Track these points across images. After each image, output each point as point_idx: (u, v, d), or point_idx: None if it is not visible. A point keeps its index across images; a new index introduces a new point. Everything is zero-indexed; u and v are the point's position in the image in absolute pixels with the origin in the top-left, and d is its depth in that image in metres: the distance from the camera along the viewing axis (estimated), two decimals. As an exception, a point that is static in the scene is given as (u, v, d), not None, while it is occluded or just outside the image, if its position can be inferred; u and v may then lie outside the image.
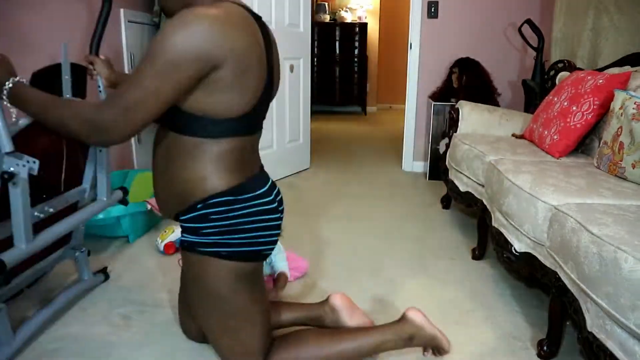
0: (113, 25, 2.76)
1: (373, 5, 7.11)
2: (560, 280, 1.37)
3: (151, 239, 2.28)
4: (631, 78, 1.95)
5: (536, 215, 1.51)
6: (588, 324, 1.19)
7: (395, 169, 3.79)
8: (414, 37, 3.49)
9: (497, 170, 1.88)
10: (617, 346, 1.08)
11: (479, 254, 2.13)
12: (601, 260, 1.13)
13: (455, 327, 1.60)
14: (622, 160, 1.68)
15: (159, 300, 1.74)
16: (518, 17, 3.29)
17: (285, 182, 3.33)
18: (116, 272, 1.96)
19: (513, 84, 3.49)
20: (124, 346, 1.48)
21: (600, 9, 2.55)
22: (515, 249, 1.64)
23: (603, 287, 1.12)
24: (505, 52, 3.46)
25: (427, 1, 3.42)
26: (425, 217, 2.67)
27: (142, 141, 3.09)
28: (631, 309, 1.02)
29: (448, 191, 2.68)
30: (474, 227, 2.30)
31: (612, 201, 1.46)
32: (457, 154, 2.44)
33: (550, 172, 1.74)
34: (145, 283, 1.87)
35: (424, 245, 2.28)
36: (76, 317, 1.63)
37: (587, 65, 2.65)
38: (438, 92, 3.45)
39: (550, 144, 2.10)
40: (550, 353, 1.43)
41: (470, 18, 3.43)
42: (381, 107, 7.74)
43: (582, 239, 1.23)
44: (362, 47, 6.78)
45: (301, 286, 1.87)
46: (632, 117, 1.65)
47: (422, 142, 3.68)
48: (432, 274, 1.99)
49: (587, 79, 2.08)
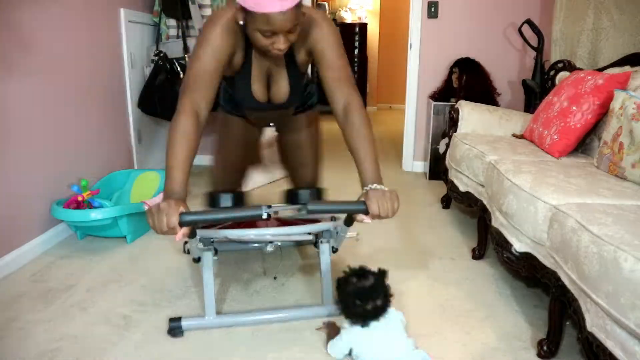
0: (113, 25, 2.76)
1: (373, 6, 7.12)
2: (560, 280, 1.37)
3: (150, 240, 2.29)
4: (631, 78, 1.95)
5: (536, 215, 1.51)
6: (588, 324, 1.19)
7: (395, 169, 3.79)
8: (414, 37, 3.49)
9: (497, 170, 1.88)
10: (617, 346, 1.08)
11: (479, 254, 2.13)
12: (601, 260, 1.13)
13: (455, 327, 1.60)
14: (622, 160, 1.68)
15: (159, 300, 1.75)
16: (518, 17, 3.29)
17: (285, 182, 3.32)
18: (116, 273, 1.96)
19: (513, 84, 3.49)
20: (124, 346, 1.48)
21: (600, 9, 2.55)
22: (515, 249, 1.64)
23: (603, 286, 1.12)
24: (505, 52, 3.46)
25: (427, 1, 3.42)
26: (425, 217, 2.67)
27: (142, 141, 3.09)
28: (631, 309, 1.02)
29: (448, 191, 2.68)
30: (474, 227, 2.30)
31: (612, 201, 1.46)
32: (457, 154, 2.44)
33: (550, 172, 1.74)
34: (144, 283, 1.87)
35: (424, 245, 2.28)
36: (76, 317, 1.63)
37: (587, 65, 2.65)
38: (438, 92, 3.45)
39: (550, 144, 2.10)
40: (550, 353, 1.43)
41: (470, 18, 3.43)
42: (381, 107, 7.74)
43: (582, 238, 1.23)
44: (362, 47, 6.78)
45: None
46: (632, 117, 1.65)
47: (422, 142, 3.68)
48: (432, 274, 1.99)
49: (587, 79, 2.08)
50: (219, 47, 1.33)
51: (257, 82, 1.52)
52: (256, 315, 1.62)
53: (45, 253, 2.13)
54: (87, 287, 1.83)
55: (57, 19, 2.23)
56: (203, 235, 1.50)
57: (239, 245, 1.94)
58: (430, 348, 1.43)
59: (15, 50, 1.97)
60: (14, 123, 1.98)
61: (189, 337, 1.52)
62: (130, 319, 1.62)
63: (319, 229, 1.61)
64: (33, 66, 2.08)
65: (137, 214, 2.22)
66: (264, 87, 1.55)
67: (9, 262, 1.94)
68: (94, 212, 2.08)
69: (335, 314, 1.63)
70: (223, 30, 1.33)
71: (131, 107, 2.95)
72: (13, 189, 1.99)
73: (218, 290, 1.82)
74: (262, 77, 1.53)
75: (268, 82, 1.55)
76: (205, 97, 1.31)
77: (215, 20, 1.35)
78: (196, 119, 1.27)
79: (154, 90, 2.92)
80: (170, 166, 1.20)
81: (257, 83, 1.53)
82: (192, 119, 1.26)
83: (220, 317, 1.58)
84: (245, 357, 1.44)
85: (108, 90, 2.70)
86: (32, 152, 2.08)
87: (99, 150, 2.60)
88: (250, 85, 1.52)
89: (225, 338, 1.52)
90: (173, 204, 1.13)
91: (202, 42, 1.33)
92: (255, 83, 1.52)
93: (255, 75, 1.51)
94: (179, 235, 1.15)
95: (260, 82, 1.53)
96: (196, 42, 1.37)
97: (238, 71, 1.49)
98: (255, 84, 1.52)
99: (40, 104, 2.13)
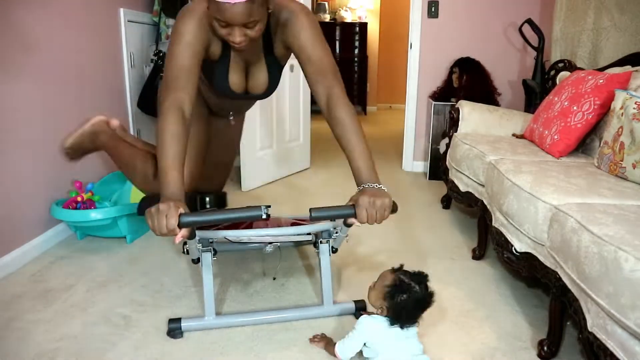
0: (113, 25, 2.76)
1: (373, 5, 7.11)
2: (560, 280, 1.36)
3: (150, 240, 2.28)
4: (632, 78, 1.95)
5: (536, 215, 1.51)
6: (588, 324, 1.19)
7: (395, 169, 3.79)
8: (414, 37, 3.49)
9: (497, 170, 1.88)
10: (618, 346, 1.08)
11: (479, 254, 2.13)
12: (601, 260, 1.13)
13: (455, 327, 1.60)
14: (623, 160, 1.68)
15: (159, 301, 1.74)
16: (518, 17, 3.29)
17: (285, 182, 3.33)
18: (115, 273, 1.96)
19: (513, 83, 3.49)
20: (123, 346, 1.48)
21: (601, 9, 2.55)
22: (516, 249, 1.64)
23: (603, 287, 1.12)
24: (506, 52, 3.46)
25: (427, 1, 3.41)
26: (425, 217, 2.67)
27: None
28: (631, 309, 1.02)
29: (448, 191, 2.68)
30: (474, 227, 2.29)
31: (613, 201, 1.45)
32: (457, 154, 2.43)
33: (550, 172, 1.73)
34: (144, 283, 1.87)
35: (424, 245, 2.28)
36: (76, 317, 1.63)
37: (587, 65, 2.64)
38: (438, 92, 3.45)
39: (551, 144, 2.10)
40: (550, 353, 1.43)
41: (470, 18, 3.43)
42: (381, 106, 7.74)
43: (582, 238, 1.23)
44: (362, 47, 6.78)
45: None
46: (633, 117, 1.65)
47: (422, 142, 3.68)
48: (432, 274, 1.96)
49: (588, 78, 2.08)
50: (191, 42, 1.31)
51: (235, 72, 1.51)
52: (256, 315, 1.62)
53: (45, 253, 2.13)
54: (87, 287, 1.83)
55: (57, 18, 2.22)
56: (202, 236, 1.50)
57: (238, 245, 1.94)
58: (430, 348, 1.43)
59: (15, 50, 1.97)
60: (14, 123, 1.98)
61: (189, 338, 1.52)
62: (130, 319, 1.62)
63: (318, 229, 1.61)
64: (33, 66, 2.08)
65: (136, 214, 2.22)
66: (242, 78, 1.54)
67: (9, 262, 1.94)
68: (94, 212, 2.08)
69: (335, 314, 1.63)
70: (195, 23, 1.31)
71: (131, 106, 2.95)
72: (13, 189, 1.98)
73: (218, 290, 1.82)
74: (240, 68, 1.51)
75: (247, 73, 1.54)
76: (188, 93, 1.30)
77: (187, 13, 1.33)
78: (182, 117, 1.26)
79: (154, 90, 2.92)
80: (164, 168, 1.19)
81: (235, 73, 1.51)
82: (178, 118, 1.25)
83: (219, 318, 1.58)
84: (245, 357, 1.43)
85: (108, 90, 2.70)
86: (32, 152, 2.08)
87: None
88: (227, 75, 1.50)
89: (225, 338, 1.52)
90: (172, 205, 1.12)
91: (175, 38, 1.32)
92: (233, 73, 1.50)
93: (233, 66, 1.49)
94: (178, 237, 1.15)
95: (239, 73, 1.52)
96: (170, 38, 1.35)
97: (216, 60, 1.47)
98: (233, 74, 1.51)
99: (40, 104, 2.13)
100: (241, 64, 1.51)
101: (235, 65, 1.50)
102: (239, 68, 1.51)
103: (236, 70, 1.51)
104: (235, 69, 1.50)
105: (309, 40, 1.37)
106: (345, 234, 1.58)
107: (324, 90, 1.37)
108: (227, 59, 1.47)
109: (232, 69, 1.50)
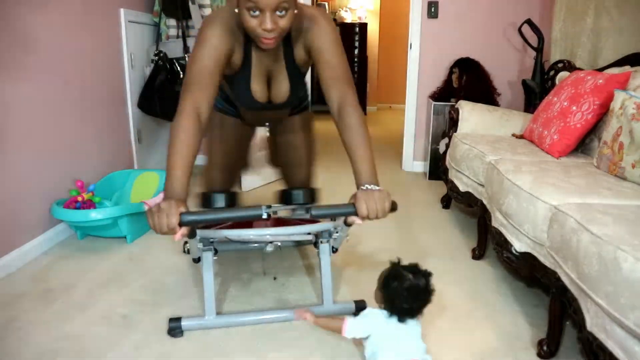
0: (113, 25, 2.76)
1: (373, 5, 7.12)
2: (560, 280, 1.37)
3: (150, 240, 2.29)
4: (631, 78, 1.95)
5: (536, 215, 1.51)
6: (588, 324, 1.19)
7: (395, 169, 3.79)
8: (414, 37, 3.49)
9: (497, 170, 1.88)
10: (617, 346, 1.08)
11: (479, 254, 2.13)
12: (601, 260, 1.13)
13: (455, 326, 1.60)
14: (622, 160, 1.68)
15: (159, 300, 1.75)
16: (518, 17, 3.29)
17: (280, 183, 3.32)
18: (116, 273, 1.96)
19: (513, 84, 3.49)
20: (124, 346, 1.48)
21: (600, 9, 2.55)
22: (515, 249, 1.64)
23: (603, 286, 1.12)
24: (505, 52, 3.46)
25: (427, 1, 3.42)
26: (425, 217, 2.67)
27: (142, 141, 3.09)
28: (631, 309, 1.02)
29: (448, 191, 2.68)
30: (474, 227, 2.30)
31: (612, 201, 1.46)
32: (457, 154, 2.44)
33: (550, 172, 1.74)
34: (144, 283, 1.87)
35: (424, 245, 2.28)
36: (76, 317, 1.63)
37: (587, 65, 2.65)
38: (438, 92, 3.45)
39: (550, 144, 2.10)
40: (550, 353, 1.43)
41: (470, 18, 3.43)
42: (381, 106, 7.74)
43: (582, 238, 1.23)
44: (362, 47, 6.78)
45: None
46: (632, 117, 1.65)
47: (422, 142, 3.68)
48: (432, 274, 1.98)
49: (587, 79, 2.08)
50: (217, 46, 1.33)
51: (256, 82, 1.52)
52: (256, 315, 1.62)
53: (45, 253, 2.13)
54: (87, 287, 1.83)
55: (57, 19, 2.23)
56: (203, 236, 1.50)
57: (238, 245, 1.94)
58: (430, 347, 1.43)
59: (15, 50, 1.97)
60: (14, 123, 1.98)
61: (189, 337, 1.52)
62: (130, 319, 1.62)
63: (319, 229, 1.61)
64: (33, 66, 2.08)
65: (137, 214, 2.22)
66: (264, 87, 1.55)
67: (9, 262, 1.94)
68: (94, 212, 2.08)
69: (334, 313, 1.63)
70: (221, 30, 1.33)
71: (131, 107, 2.95)
72: (13, 188, 1.99)
73: (218, 290, 1.82)
74: (262, 77, 1.52)
75: (268, 82, 1.56)
76: (206, 97, 1.31)
77: (213, 19, 1.35)
78: (197, 120, 1.27)
79: (154, 90, 2.92)
80: (171, 166, 1.20)
81: (257, 83, 1.52)
82: (193, 120, 1.26)
83: (220, 317, 1.58)
84: (245, 357, 1.44)
85: (108, 90, 2.70)
86: (32, 152, 2.08)
87: (99, 150, 2.60)
88: (249, 85, 1.51)
89: (225, 338, 1.52)
90: (173, 204, 1.13)
91: (200, 41, 1.33)
92: (255, 83, 1.52)
93: (255, 75, 1.50)
94: (177, 235, 1.15)
95: (260, 82, 1.53)
96: (195, 42, 1.37)
97: (237, 71, 1.48)
98: (255, 83, 1.52)
99: (40, 104, 2.13)
100: (263, 73, 1.52)
101: (257, 74, 1.51)
102: (261, 77, 1.52)
103: (258, 79, 1.52)
104: (257, 78, 1.51)
105: (329, 44, 1.40)
106: (345, 233, 1.58)
107: (337, 95, 1.39)
108: (248, 68, 1.48)
109: (254, 77, 1.51)
